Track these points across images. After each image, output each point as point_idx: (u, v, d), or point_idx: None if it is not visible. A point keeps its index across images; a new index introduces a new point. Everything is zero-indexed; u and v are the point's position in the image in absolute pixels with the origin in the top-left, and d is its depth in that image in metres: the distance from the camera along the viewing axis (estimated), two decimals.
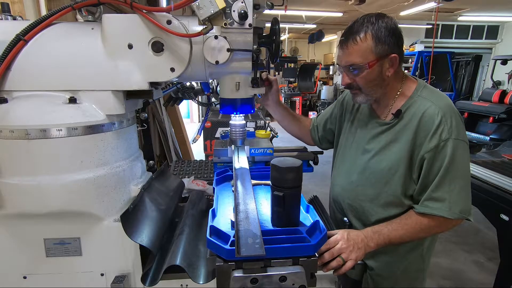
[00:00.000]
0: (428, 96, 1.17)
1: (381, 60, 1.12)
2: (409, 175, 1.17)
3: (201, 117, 9.45)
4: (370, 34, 1.09)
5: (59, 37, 0.99)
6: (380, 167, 1.21)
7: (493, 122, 6.09)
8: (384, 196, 1.21)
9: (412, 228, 1.14)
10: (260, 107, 4.54)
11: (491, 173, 2.38)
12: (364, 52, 1.10)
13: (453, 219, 1.11)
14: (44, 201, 0.94)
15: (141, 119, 1.44)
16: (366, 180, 1.26)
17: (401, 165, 1.16)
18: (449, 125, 1.09)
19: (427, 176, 1.13)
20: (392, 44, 1.11)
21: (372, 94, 1.20)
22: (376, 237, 1.12)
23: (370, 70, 1.12)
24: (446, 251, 3.47)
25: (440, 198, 1.10)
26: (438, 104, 1.13)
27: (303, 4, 8.29)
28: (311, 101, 12.08)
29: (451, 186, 1.10)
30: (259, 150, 1.53)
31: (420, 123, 1.13)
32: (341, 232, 1.07)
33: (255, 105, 1.23)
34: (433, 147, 1.10)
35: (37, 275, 1.06)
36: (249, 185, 1.09)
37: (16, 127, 0.89)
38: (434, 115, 1.11)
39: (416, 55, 8.47)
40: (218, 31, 0.98)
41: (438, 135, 1.09)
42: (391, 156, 1.19)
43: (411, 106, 1.17)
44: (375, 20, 1.10)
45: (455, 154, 1.09)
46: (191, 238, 1.12)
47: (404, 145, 1.16)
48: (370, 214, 1.26)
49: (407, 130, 1.15)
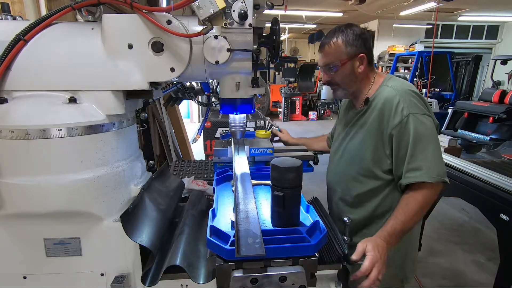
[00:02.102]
0: (390, 84, 1.38)
1: (351, 59, 1.35)
2: (382, 150, 1.35)
3: (201, 117, 9.44)
4: (341, 39, 1.34)
5: (59, 37, 0.99)
6: (354, 148, 1.44)
7: (493, 122, 6.09)
8: (361, 172, 1.41)
9: (412, 205, 1.25)
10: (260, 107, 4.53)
11: (491, 173, 2.37)
12: (337, 53, 1.35)
13: (434, 183, 1.25)
14: (44, 201, 0.94)
15: (141, 119, 1.44)
16: (345, 161, 1.48)
17: (369, 142, 1.36)
18: (408, 103, 1.28)
19: (398, 150, 1.30)
20: (359, 45, 1.34)
21: (348, 88, 1.43)
22: (393, 240, 1.20)
23: (343, 67, 1.36)
24: (446, 251, 3.47)
25: (417, 167, 1.25)
26: (396, 88, 1.34)
27: (303, 4, 8.30)
28: (311, 101, 12.09)
29: (423, 155, 1.25)
30: (259, 150, 1.53)
31: (383, 106, 1.32)
32: (372, 254, 1.06)
33: (255, 105, 1.23)
34: (397, 123, 1.28)
35: (37, 275, 1.06)
36: (249, 185, 1.09)
37: (16, 127, 0.89)
38: (393, 97, 1.31)
39: (416, 55, 8.47)
40: (218, 31, 0.98)
41: (400, 112, 1.27)
42: (361, 137, 1.40)
43: (378, 94, 1.38)
44: (344, 28, 1.36)
45: (419, 126, 1.26)
46: (191, 238, 1.12)
47: (370, 126, 1.36)
48: (351, 190, 1.46)
49: (373, 113, 1.36)
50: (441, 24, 10.75)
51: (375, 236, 1.18)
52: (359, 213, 1.44)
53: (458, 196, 2.71)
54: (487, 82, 9.84)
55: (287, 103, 10.88)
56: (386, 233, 1.19)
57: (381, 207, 1.41)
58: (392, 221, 1.23)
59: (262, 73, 1.39)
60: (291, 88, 11.02)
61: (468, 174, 2.54)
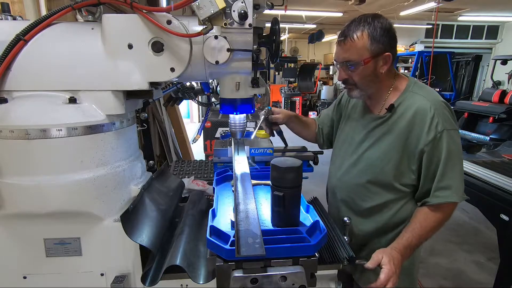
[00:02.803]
0: (419, 91, 1.25)
1: (375, 58, 1.19)
2: (408, 165, 1.25)
3: (201, 117, 9.44)
4: (367, 33, 1.16)
5: (59, 37, 0.99)
6: (375, 157, 1.29)
7: (493, 122, 6.09)
8: (378, 184, 1.30)
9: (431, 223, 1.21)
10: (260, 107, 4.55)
11: (491, 173, 2.37)
12: (360, 50, 1.18)
13: (457, 203, 1.21)
14: (44, 201, 0.94)
15: (141, 119, 1.44)
16: (360, 171, 1.34)
17: (394, 154, 1.24)
18: (443, 117, 1.18)
19: (429, 167, 1.21)
20: (386, 43, 1.18)
21: (366, 89, 1.28)
22: (408, 253, 1.18)
23: (365, 66, 1.20)
24: (446, 251, 3.47)
25: (447, 186, 1.19)
26: (429, 98, 1.22)
27: (303, 4, 8.29)
28: (311, 101, 12.09)
29: (453, 174, 1.19)
30: (259, 150, 1.53)
31: (415, 117, 1.20)
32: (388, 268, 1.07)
33: (255, 105, 1.23)
34: (431, 139, 1.18)
35: (37, 275, 1.06)
36: (249, 185, 1.09)
37: (16, 127, 0.89)
38: (427, 109, 1.19)
39: (416, 55, 8.47)
40: (218, 31, 0.98)
41: (434, 128, 1.17)
42: (385, 147, 1.27)
43: (404, 100, 1.25)
44: (371, 20, 1.17)
45: (451, 144, 1.18)
46: (191, 238, 1.11)
47: (397, 137, 1.24)
48: (363, 202, 1.34)
49: (400, 123, 1.23)
50: (441, 24, 10.74)
51: (390, 248, 1.15)
52: (368, 224, 1.35)
53: None
54: (487, 82, 9.84)
55: (287, 103, 10.87)
56: (401, 246, 1.16)
57: (394, 219, 1.32)
58: (409, 234, 1.19)
59: (262, 73, 1.38)
60: (291, 88, 11.01)
61: (468, 174, 2.54)
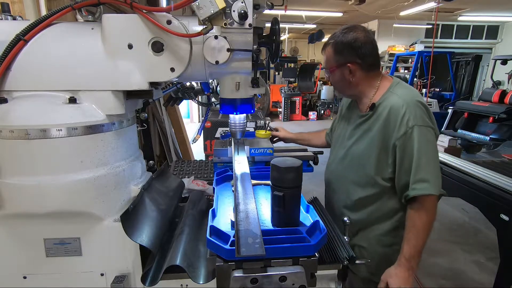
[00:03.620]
0: (397, 91, 1.36)
1: (339, 67, 1.37)
2: (385, 159, 1.35)
3: (201, 117, 9.44)
4: (332, 46, 1.37)
5: (59, 37, 0.99)
6: (358, 152, 1.42)
7: (493, 122, 6.08)
8: (362, 178, 1.41)
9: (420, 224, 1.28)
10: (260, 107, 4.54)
11: (491, 173, 2.37)
12: (328, 60, 1.40)
13: (436, 195, 1.27)
14: (44, 201, 0.94)
15: (141, 119, 1.44)
16: (347, 165, 1.48)
17: (374, 150, 1.36)
18: (414, 114, 1.27)
19: (402, 160, 1.30)
20: (347, 54, 1.34)
21: (342, 92, 1.49)
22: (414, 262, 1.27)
23: (333, 74, 1.41)
24: (446, 251, 3.47)
25: (423, 179, 1.26)
26: (403, 97, 1.32)
27: (303, 4, 8.30)
28: (311, 101, 12.08)
29: (428, 168, 1.27)
30: (259, 150, 1.53)
31: (389, 115, 1.31)
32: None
33: (255, 105, 1.23)
34: (402, 134, 1.27)
35: (37, 275, 1.06)
36: (249, 185, 1.09)
37: (16, 127, 0.89)
38: (399, 107, 1.29)
39: (416, 55, 8.46)
40: (218, 31, 0.98)
41: (405, 124, 1.27)
42: (366, 143, 1.39)
43: (384, 100, 1.36)
44: (339, 34, 1.35)
45: (422, 139, 1.26)
46: (191, 238, 1.12)
47: (376, 133, 1.36)
48: (351, 194, 1.46)
49: (379, 121, 1.35)
50: (441, 24, 10.74)
51: (395, 266, 1.28)
52: (357, 216, 1.45)
53: (458, 196, 2.71)
54: (487, 82, 9.84)
55: (287, 103, 10.87)
56: (403, 259, 1.27)
57: (378, 212, 1.42)
58: (405, 245, 1.28)
59: (262, 73, 1.38)
60: (291, 88, 11.01)
61: (468, 174, 2.54)
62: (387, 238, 1.43)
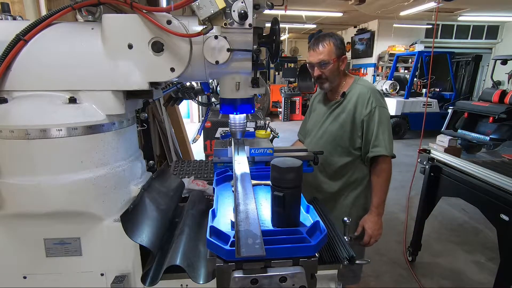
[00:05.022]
0: (361, 83, 1.81)
1: (338, 59, 1.74)
2: (356, 133, 1.77)
3: (201, 117, 9.45)
4: (332, 41, 1.71)
5: (59, 37, 0.99)
6: (334, 129, 1.82)
7: (493, 122, 6.08)
8: (339, 149, 1.81)
9: (381, 181, 1.76)
10: (260, 107, 4.54)
11: (491, 173, 2.37)
12: (329, 53, 1.71)
13: (389, 156, 1.72)
14: (44, 201, 0.94)
15: (141, 119, 1.44)
16: (326, 141, 1.85)
17: (347, 126, 1.77)
18: (375, 98, 1.73)
19: (367, 132, 1.74)
20: (343, 49, 1.75)
21: (333, 81, 1.80)
22: (381, 209, 1.77)
23: (333, 64, 1.73)
24: (446, 251, 3.47)
25: (379, 144, 1.71)
26: (367, 86, 1.78)
27: (303, 4, 8.30)
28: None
29: (384, 136, 1.71)
30: (259, 150, 1.52)
31: (358, 98, 1.75)
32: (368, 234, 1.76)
33: (255, 105, 1.22)
34: (368, 112, 1.72)
35: (37, 275, 1.06)
36: (249, 185, 1.09)
37: (16, 127, 0.89)
38: (365, 93, 1.74)
39: (416, 55, 8.46)
40: (218, 31, 0.98)
41: (370, 105, 1.71)
42: (341, 121, 1.79)
43: (352, 90, 1.80)
44: (333, 34, 1.75)
45: (382, 115, 1.72)
46: (191, 238, 1.12)
47: (348, 114, 1.77)
48: (331, 164, 1.84)
49: (349, 104, 1.77)
50: (441, 24, 10.74)
51: (368, 214, 1.78)
52: (336, 183, 1.85)
53: (458, 196, 2.71)
54: (487, 82, 9.84)
55: (287, 103, 10.88)
56: (373, 207, 1.77)
57: (353, 177, 1.84)
58: (374, 197, 1.78)
59: (262, 73, 1.38)
60: (291, 88, 11.01)
61: (468, 174, 2.54)
62: (359, 200, 1.85)
